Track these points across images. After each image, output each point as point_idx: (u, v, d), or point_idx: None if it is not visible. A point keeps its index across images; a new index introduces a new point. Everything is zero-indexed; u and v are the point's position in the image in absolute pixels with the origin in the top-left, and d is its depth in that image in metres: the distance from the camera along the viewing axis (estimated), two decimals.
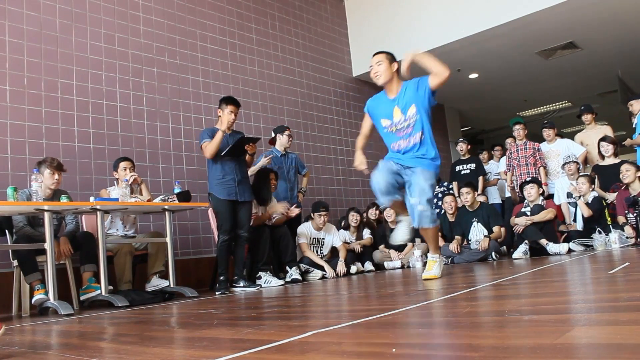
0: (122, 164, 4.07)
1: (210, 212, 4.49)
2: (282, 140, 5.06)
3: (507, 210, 6.10)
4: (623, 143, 5.60)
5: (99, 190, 4.24)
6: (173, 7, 5.40)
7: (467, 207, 5.35)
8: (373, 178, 3.38)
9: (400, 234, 3.55)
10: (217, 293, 3.94)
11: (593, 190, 5.31)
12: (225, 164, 4.11)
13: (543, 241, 4.85)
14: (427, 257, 3.59)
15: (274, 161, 4.98)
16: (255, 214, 4.53)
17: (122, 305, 3.28)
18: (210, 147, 4.02)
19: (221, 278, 4.06)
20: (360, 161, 3.56)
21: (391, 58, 3.40)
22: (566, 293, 2.06)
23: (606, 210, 5.18)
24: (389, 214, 5.60)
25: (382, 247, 5.49)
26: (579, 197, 5.14)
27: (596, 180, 5.48)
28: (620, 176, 5.03)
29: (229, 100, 4.19)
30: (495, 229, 5.20)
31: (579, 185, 5.26)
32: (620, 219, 4.94)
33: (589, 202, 5.21)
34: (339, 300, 2.75)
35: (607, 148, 5.49)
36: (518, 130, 6.02)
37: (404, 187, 3.42)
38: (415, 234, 6.08)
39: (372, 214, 5.83)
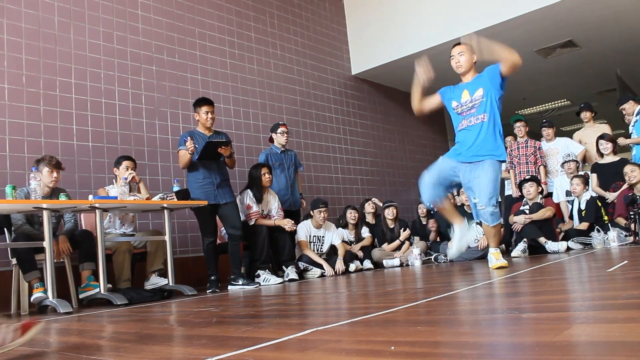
0: (125, 163, 4.06)
1: None
2: (278, 139, 5.04)
3: (505, 208, 6.11)
4: (617, 141, 5.59)
5: (97, 188, 4.24)
6: (172, 5, 5.39)
7: (465, 207, 5.33)
8: (422, 176, 3.50)
9: (454, 250, 3.60)
10: (207, 292, 3.96)
11: (587, 190, 5.31)
12: (205, 167, 4.12)
13: (542, 239, 4.85)
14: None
15: (274, 158, 4.97)
16: (256, 212, 4.53)
17: (121, 303, 3.28)
18: (181, 163, 4.14)
19: (212, 278, 4.09)
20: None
21: (472, 50, 3.58)
22: (565, 291, 2.06)
23: (602, 210, 5.19)
24: (389, 213, 5.60)
25: (384, 245, 5.49)
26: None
27: (590, 179, 5.48)
28: (626, 178, 4.99)
29: (202, 102, 4.22)
30: None
31: (574, 186, 5.27)
32: (621, 221, 4.93)
33: (587, 200, 5.22)
34: (337, 298, 2.75)
35: (606, 146, 5.49)
36: (519, 127, 6.01)
37: (455, 187, 3.51)
38: (415, 232, 6.12)
39: (369, 208, 5.79)
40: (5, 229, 3.59)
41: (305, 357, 1.18)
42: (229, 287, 4.12)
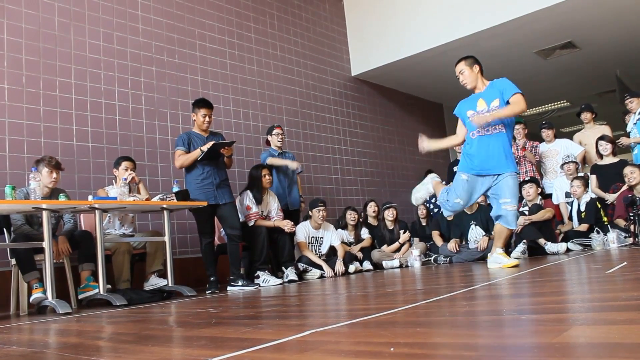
0: (124, 164, 4.07)
1: None
2: (274, 141, 5.04)
3: None
4: (618, 141, 5.59)
5: (97, 189, 4.24)
6: (172, 6, 5.40)
7: (465, 209, 5.28)
8: (447, 199, 3.71)
9: (422, 191, 3.76)
10: (207, 293, 3.96)
11: (587, 192, 5.31)
12: (204, 167, 4.11)
13: (541, 241, 4.85)
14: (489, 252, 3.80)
15: None
16: (256, 213, 4.53)
17: (121, 304, 3.27)
18: (182, 161, 4.07)
19: (211, 279, 4.09)
20: (426, 142, 3.85)
21: (471, 62, 3.62)
22: (564, 292, 2.06)
23: (602, 211, 5.19)
24: (389, 214, 5.60)
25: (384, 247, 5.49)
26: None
27: (590, 180, 5.48)
28: (626, 179, 4.99)
29: (201, 103, 4.20)
30: None
31: (574, 188, 5.27)
32: (620, 222, 4.93)
33: (587, 202, 5.22)
34: (337, 299, 2.75)
35: (606, 147, 5.49)
36: (518, 130, 6.02)
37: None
38: (414, 233, 6.11)
39: (371, 211, 5.80)
40: (4, 230, 3.58)
41: (304, 358, 1.18)
42: (229, 288, 4.12)
